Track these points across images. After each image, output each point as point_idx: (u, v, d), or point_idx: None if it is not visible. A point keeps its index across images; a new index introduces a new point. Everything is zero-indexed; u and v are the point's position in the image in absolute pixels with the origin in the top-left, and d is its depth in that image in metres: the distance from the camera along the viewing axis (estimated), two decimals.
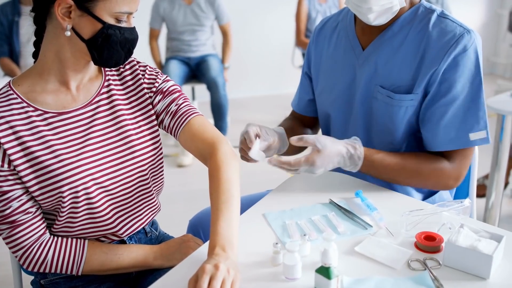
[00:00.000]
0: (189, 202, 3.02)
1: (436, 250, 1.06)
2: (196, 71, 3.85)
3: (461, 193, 1.58)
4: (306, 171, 1.24)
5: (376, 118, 1.37)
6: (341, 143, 1.26)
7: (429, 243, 1.06)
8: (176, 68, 3.71)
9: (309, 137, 1.25)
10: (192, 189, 3.23)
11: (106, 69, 1.21)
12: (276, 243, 1.02)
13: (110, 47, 1.08)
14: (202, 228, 1.47)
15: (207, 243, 1.08)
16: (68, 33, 1.06)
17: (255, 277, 1.00)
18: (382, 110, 1.35)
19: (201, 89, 4.25)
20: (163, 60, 3.94)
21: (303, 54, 4.43)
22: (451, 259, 1.00)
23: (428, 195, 1.45)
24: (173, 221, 1.96)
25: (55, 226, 1.15)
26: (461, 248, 0.98)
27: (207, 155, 1.18)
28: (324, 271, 0.92)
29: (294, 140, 1.26)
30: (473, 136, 1.27)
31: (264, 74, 5.65)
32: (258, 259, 1.05)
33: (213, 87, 3.70)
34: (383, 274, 0.99)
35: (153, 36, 3.82)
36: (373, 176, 1.33)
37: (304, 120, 1.64)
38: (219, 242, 0.99)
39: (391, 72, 1.32)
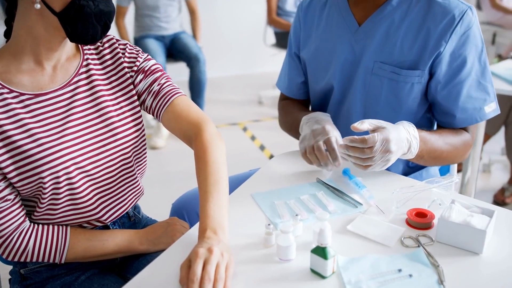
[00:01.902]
0: (165, 184, 2.97)
1: (427, 226, 1.06)
2: (171, 49, 3.79)
3: (441, 169, 1.59)
4: (381, 152, 1.11)
5: (376, 95, 1.34)
6: (396, 124, 1.20)
7: (420, 220, 1.06)
8: (157, 46, 3.64)
9: (369, 120, 1.16)
10: (167, 172, 3.18)
11: (84, 47, 1.15)
12: (269, 224, 1.00)
13: (85, 20, 1.02)
14: (187, 211, 1.43)
15: (195, 226, 1.06)
16: (38, 6, 1.00)
17: (247, 259, 0.97)
18: (386, 87, 1.32)
19: (172, 69, 4.18)
20: (131, 40, 3.85)
21: (275, 33, 4.38)
22: (444, 235, 1.00)
23: (415, 169, 1.45)
24: (150, 204, 1.92)
25: (35, 214, 1.09)
26: (455, 224, 0.98)
27: (192, 136, 1.15)
28: (321, 251, 0.90)
29: (356, 125, 1.13)
30: (487, 108, 1.32)
31: (235, 54, 5.58)
32: (249, 241, 1.02)
33: (194, 63, 3.68)
34: (377, 252, 0.98)
35: (121, 14, 3.71)
36: (422, 160, 1.27)
37: (296, 102, 1.58)
38: (210, 225, 0.97)
39: (393, 48, 1.30)
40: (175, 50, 3.78)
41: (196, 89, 3.73)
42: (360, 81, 1.35)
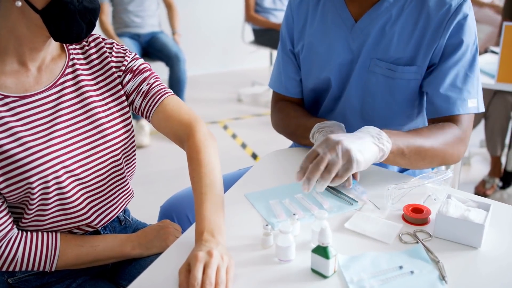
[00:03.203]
0: (149, 185, 2.92)
1: (424, 222, 1.05)
2: (148, 48, 3.75)
3: None
4: (330, 150, 1.01)
5: (373, 92, 1.33)
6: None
7: (417, 216, 1.05)
8: (131, 45, 3.61)
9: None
10: (150, 172, 3.13)
11: (69, 46, 1.11)
12: (266, 225, 0.98)
13: (68, 18, 0.98)
14: (176, 214, 1.40)
15: (190, 229, 1.04)
16: (19, 3, 0.96)
17: (246, 261, 0.95)
18: (382, 84, 1.31)
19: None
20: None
21: (254, 30, 4.36)
22: (442, 230, 1.00)
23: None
24: (135, 206, 1.88)
25: (23, 221, 1.05)
26: (453, 219, 0.98)
27: (184, 136, 1.12)
28: (322, 251, 0.89)
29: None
30: (470, 103, 1.27)
31: (213, 51, 5.55)
32: (247, 242, 1.00)
33: (174, 62, 3.65)
34: (376, 250, 0.98)
35: (103, 11, 3.64)
36: (405, 158, 1.15)
37: (295, 104, 1.51)
38: (207, 227, 0.94)
39: (389, 44, 1.28)
40: (153, 49, 3.74)
41: (176, 88, 3.71)
42: (357, 78, 1.34)
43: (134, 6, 3.64)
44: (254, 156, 3.43)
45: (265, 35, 4.24)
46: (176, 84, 3.69)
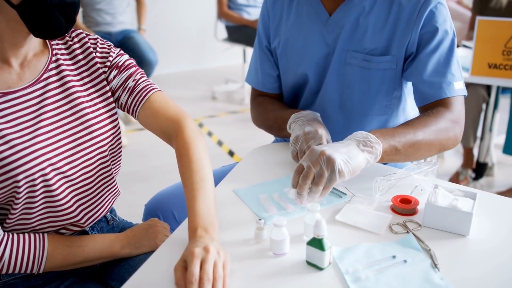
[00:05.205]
0: (128, 184, 2.87)
1: (412, 212, 1.07)
2: (121, 47, 3.68)
3: None
4: (328, 176, 1.00)
5: (350, 84, 1.34)
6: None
7: (406, 206, 1.07)
8: None
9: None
10: (128, 171, 3.08)
11: (52, 42, 1.09)
12: (260, 219, 0.98)
13: (46, 12, 0.96)
14: (162, 212, 1.39)
15: (180, 226, 1.03)
16: None
17: (241, 256, 0.95)
18: (358, 75, 1.32)
19: None
20: None
21: (227, 27, 4.35)
22: (431, 220, 1.02)
23: None
24: (116, 205, 1.85)
25: (8, 221, 1.02)
26: (442, 208, 1.00)
27: (172, 133, 1.11)
28: (317, 243, 0.89)
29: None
30: (456, 85, 1.27)
31: (186, 49, 5.51)
32: (240, 238, 1.00)
33: (146, 66, 3.61)
34: (368, 241, 0.99)
35: None
36: (402, 155, 1.16)
37: (273, 99, 1.52)
38: (200, 223, 0.94)
39: (364, 36, 1.30)
40: (125, 49, 3.68)
41: None
42: (334, 71, 1.35)
43: (104, 4, 3.59)
44: (231, 153, 3.42)
45: (238, 32, 4.23)
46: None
